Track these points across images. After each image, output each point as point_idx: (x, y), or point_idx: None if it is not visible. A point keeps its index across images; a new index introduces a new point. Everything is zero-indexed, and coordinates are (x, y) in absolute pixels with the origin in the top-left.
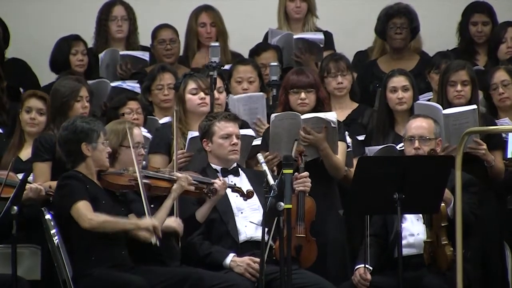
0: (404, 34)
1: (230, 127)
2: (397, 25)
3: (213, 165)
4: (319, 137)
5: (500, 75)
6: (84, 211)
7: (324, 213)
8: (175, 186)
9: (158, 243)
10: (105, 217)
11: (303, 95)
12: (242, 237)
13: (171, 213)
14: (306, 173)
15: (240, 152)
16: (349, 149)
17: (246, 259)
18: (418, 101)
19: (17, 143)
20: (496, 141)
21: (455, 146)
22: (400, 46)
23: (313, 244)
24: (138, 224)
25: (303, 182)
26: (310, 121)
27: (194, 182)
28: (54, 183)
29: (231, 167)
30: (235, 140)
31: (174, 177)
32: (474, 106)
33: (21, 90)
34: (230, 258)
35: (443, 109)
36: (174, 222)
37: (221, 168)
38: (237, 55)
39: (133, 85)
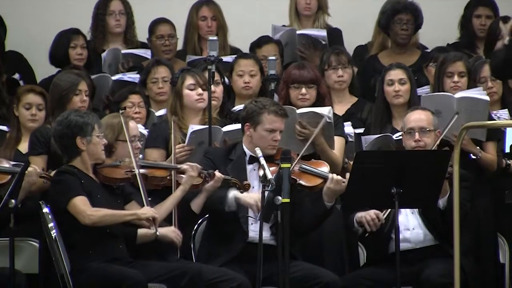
0: (410, 30)
1: (277, 123)
2: (404, 21)
3: (244, 147)
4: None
5: (489, 69)
6: (83, 207)
7: None
8: (185, 178)
9: (158, 233)
10: (104, 211)
11: (304, 90)
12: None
13: (169, 221)
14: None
15: None
16: (351, 140)
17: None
18: (425, 94)
19: (14, 137)
20: (489, 132)
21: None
22: (404, 42)
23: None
24: (138, 215)
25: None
26: (306, 116)
27: (202, 170)
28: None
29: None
30: (278, 137)
31: (172, 165)
32: (488, 98)
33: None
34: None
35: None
36: (173, 233)
37: (250, 156)
38: (236, 50)
39: (133, 77)
